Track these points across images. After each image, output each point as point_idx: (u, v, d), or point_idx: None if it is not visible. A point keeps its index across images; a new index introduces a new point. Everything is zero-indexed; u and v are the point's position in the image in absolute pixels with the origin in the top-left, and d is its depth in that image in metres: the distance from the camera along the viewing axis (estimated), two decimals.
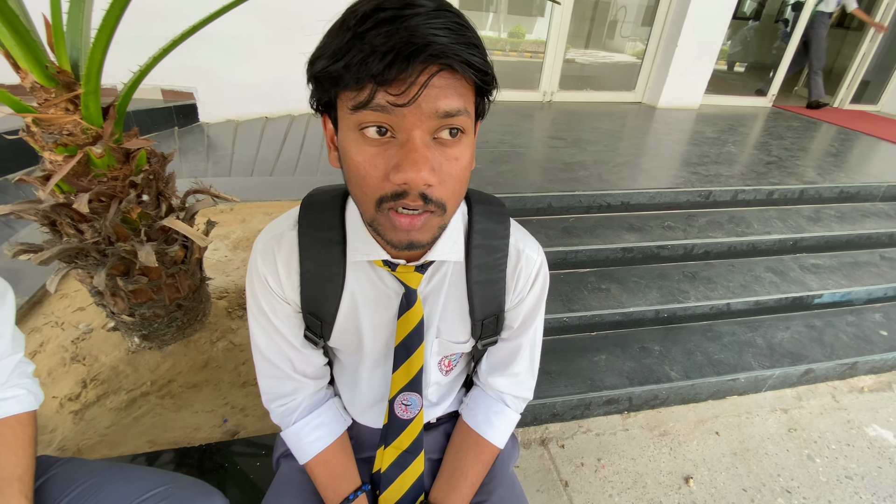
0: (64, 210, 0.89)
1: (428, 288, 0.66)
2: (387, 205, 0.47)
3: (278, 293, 0.64)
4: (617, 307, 1.90)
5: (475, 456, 0.74)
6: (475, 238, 0.64)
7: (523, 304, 0.69)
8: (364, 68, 0.40)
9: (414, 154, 0.43)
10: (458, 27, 0.42)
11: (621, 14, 5.13)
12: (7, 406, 0.64)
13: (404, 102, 0.41)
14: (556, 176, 2.55)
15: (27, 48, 0.74)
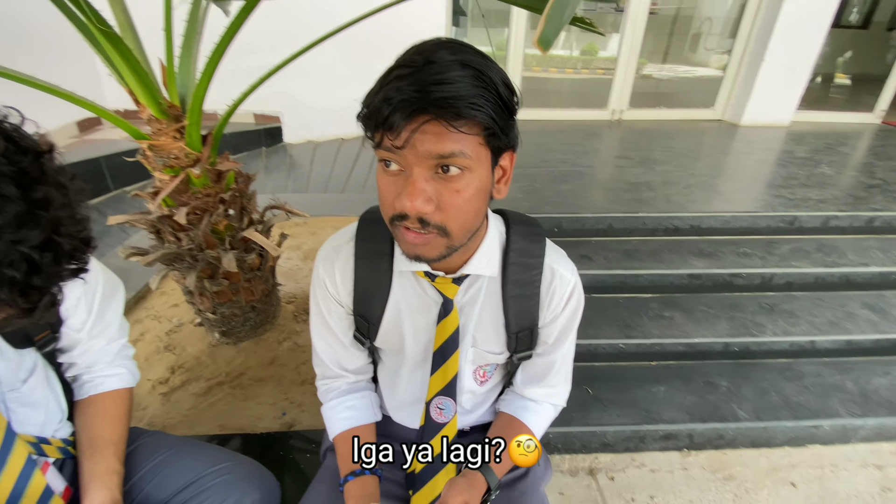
0: (167, 221, 1.07)
1: (464, 299, 0.71)
2: (396, 222, 0.55)
3: (334, 296, 0.73)
4: (680, 337, 1.79)
5: (511, 432, 0.77)
6: (511, 256, 0.69)
7: (557, 322, 0.72)
8: (378, 116, 0.48)
9: (411, 187, 0.51)
10: (471, 80, 0.48)
11: (703, 27, 4.89)
12: (110, 382, 0.77)
13: (399, 146, 0.49)
14: (619, 196, 2.48)
15: (146, 88, 0.91)
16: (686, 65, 5.11)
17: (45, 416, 0.71)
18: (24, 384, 0.66)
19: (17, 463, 0.63)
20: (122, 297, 0.79)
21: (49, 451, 0.69)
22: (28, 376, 0.67)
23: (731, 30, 4.11)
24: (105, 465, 0.69)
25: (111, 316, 0.76)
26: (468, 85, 0.48)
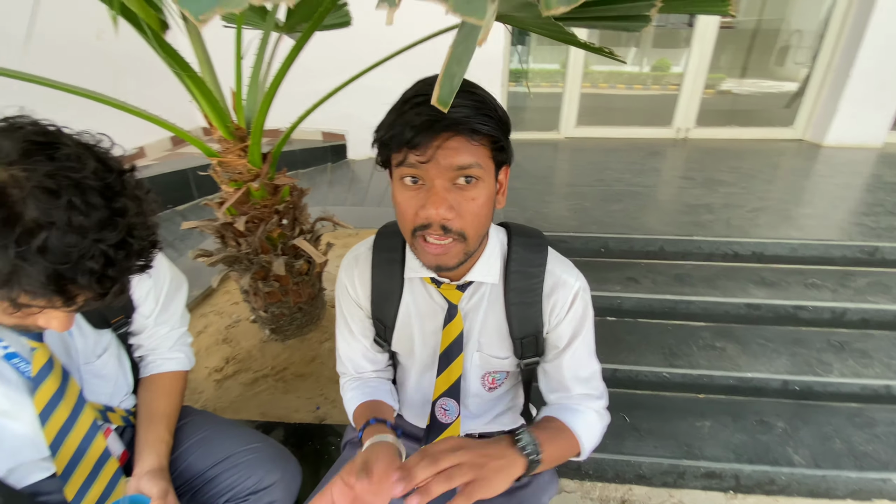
0: (229, 227, 1.22)
1: (468, 305, 0.76)
2: (418, 233, 0.61)
3: (354, 299, 0.81)
4: (732, 370, 1.68)
5: (557, 430, 0.72)
6: (512, 265, 0.73)
7: (562, 325, 0.74)
8: (401, 138, 0.55)
9: (434, 197, 0.57)
10: (475, 104, 0.56)
11: (790, 39, 4.56)
12: (169, 364, 0.90)
13: (425, 160, 0.56)
14: (674, 218, 2.38)
15: (218, 114, 1.07)
16: (760, 81, 4.79)
17: (114, 388, 0.84)
18: (98, 359, 0.80)
19: (83, 425, 0.75)
20: (185, 292, 0.92)
21: (113, 418, 0.82)
22: (102, 353, 0.81)
23: (812, 43, 3.81)
24: (157, 435, 0.81)
25: (175, 307, 0.89)
26: (475, 107, 0.56)
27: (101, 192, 0.52)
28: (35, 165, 0.49)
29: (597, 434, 0.77)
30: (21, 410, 0.70)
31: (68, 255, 0.48)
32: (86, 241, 0.50)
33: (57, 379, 0.71)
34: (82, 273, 0.50)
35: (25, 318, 0.56)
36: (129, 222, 0.55)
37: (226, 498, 0.80)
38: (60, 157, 0.51)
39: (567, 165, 3.54)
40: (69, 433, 0.73)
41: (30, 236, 0.47)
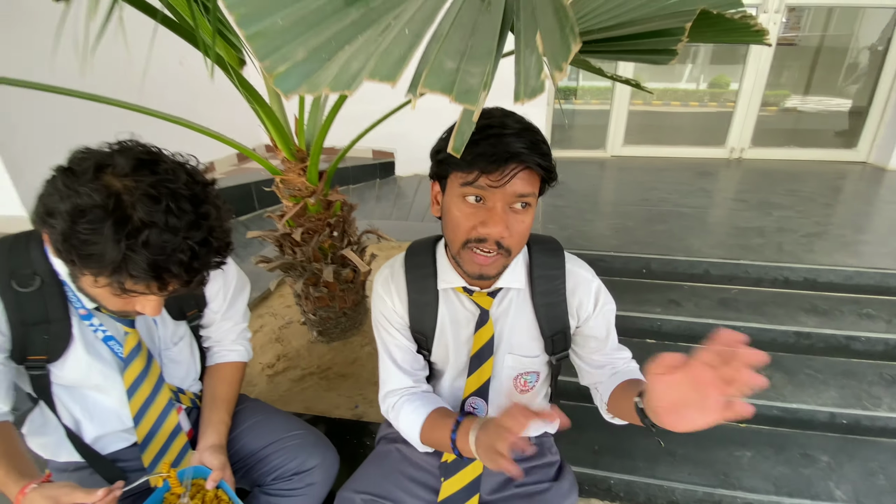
0: (287, 238, 1.36)
1: (498, 310, 0.83)
2: (470, 245, 0.70)
3: (391, 308, 0.87)
4: (777, 399, 1.62)
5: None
6: (536, 270, 0.81)
7: (597, 318, 0.83)
8: (478, 163, 0.64)
9: (496, 217, 0.67)
10: (534, 142, 0.66)
11: (844, 58, 4.32)
12: (231, 355, 1.03)
13: (496, 186, 0.65)
14: (722, 241, 2.32)
15: (283, 138, 1.22)
16: (822, 100, 4.53)
17: (185, 373, 0.98)
18: (175, 346, 0.94)
19: (161, 401, 0.89)
20: (247, 292, 1.05)
21: (183, 399, 0.96)
22: (179, 341, 0.94)
23: (875, 61, 3.59)
24: (218, 417, 0.93)
25: (239, 305, 1.02)
26: (533, 144, 0.66)
27: (190, 200, 0.64)
28: (142, 177, 0.62)
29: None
30: (112, 386, 0.84)
31: (164, 248, 0.61)
32: (177, 238, 0.62)
33: (143, 360, 0.85)
34: (174, 263, 0.62)
35: (126, 303, 0.69)
36: (210, 224, 0.67)
37: (273, 476, 0.91)
38: (160, 171, 0.64)
39: (611, 184, 3.52)
40: (150, 407, 0.86)
41: (137, 233, 0.59)
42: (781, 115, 4.55)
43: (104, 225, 0.58)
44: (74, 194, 0.58)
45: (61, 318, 0.75)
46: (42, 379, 0.79)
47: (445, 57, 0.33)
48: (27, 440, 0.86)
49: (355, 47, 0.33)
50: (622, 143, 4.14)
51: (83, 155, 0.63)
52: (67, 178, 0.60)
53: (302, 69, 0.33)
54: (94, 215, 0.58)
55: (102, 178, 0.60)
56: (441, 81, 0.32)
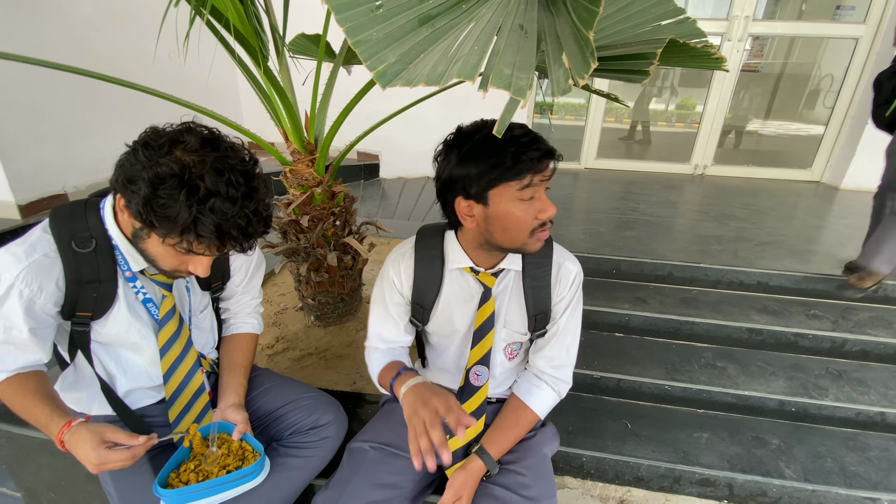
0: (294, 224, 1.45)
1: (498, 289, 0.96)
2: (536, 231, 0.84)
3: (398, 289, 1.01)
4: (731, 387, 1.81)
5: (515, 417, 0.97)
6: (527, 257, 0.95)
7: (563, 301, 0.97)
8: (530, 168, 0.79)
9: (547, 202, 0.83)
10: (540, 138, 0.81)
11: (811, 84, 4.72)
12: (246, 326, 1.12)
13: (547, 178, 0.82)
14: (684, 247, 2.53)
15: (296, 132, 1.32)
16: (800, 122, 4.92)
17: (205, 340, 1.06)
18: (201, 314, 1.02)
19: (189, 362, 0.97)
20: (263, 269, 1.14)
21: (204, 363, 1.04)
22: (203, 309, 1.03)
23: (832, 87, 3.96)
24: (237, 380, 1.02)
25: (256, 280, 1.11)
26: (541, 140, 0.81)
27: (244, 175, 0.74)
28: (207, 153, 0.72)
29: (552, 405, 1.02)
30: (147, 345, 0.92)
31: (226, 214, 0.71)
32: (236, 206, 0.72)
33: (175, 323, 0.93)
34: (234, 228, 0.72)
35: (182, 262, 0.79)
36: (260, 197, 0.77)
37: (290, 431, 1.00)
38: (221, 148, 0.74)
39: (585, 194, 3.73)
40: (179, 366, 0.95)
41: (206, 200, 0.69)
42: (742, 137, 4.92)
43: (180, 191, 0.67)
44: (155, 164, 0.68)
45: (110, 279, 0.83)
46: (83, 335, 0.86)
47: (503, 66, 0.46)
48: (60, 397, 0.93)
49: (434, 56, 0.45)
50: (595, 156, 4.38)
51: (156, 133, 0.72)
52: (147, 151, 0.69)
53: (394, 69, 0.45)
54: (172, 183, 0.68)
55: (175, 152, 0.70)
56: (503, 82, 0.45)
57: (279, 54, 1.26)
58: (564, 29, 0.48)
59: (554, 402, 1.02)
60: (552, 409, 1.04)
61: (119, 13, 2.98)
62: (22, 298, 0.76)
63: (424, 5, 0.49)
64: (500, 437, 0.95)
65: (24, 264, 0.76)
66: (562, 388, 1.02)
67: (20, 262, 0.76)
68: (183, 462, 0.88)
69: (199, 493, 0.82)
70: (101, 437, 0.73)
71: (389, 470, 0.94)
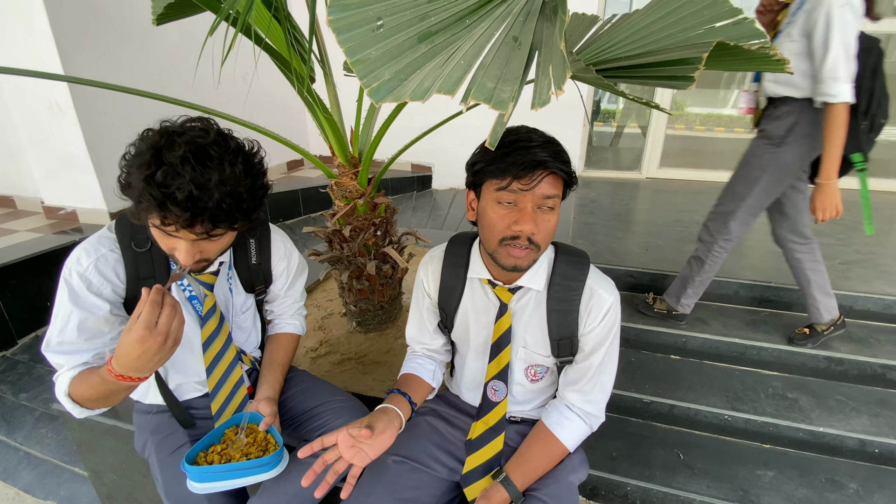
0: (337, 234, 1.52)
1: (517, 306, 0.94)
2: (505, 242, 0.81)
3: (426, 290, 1.03)
4: (803, 422, 1.62)
5: (543, 448, 0.93)
6: (555, 278, 0.90)
7: (594, 332, 0.90)
8: (510, 170, 0.77)
9: (527, 216, 0.78)
10: (556, 152, 0.78)
11: None
12: (289, 327, 1.18)
13: (527, 190, 0.77)
14: (754, 264, 2.33)
15: (341, 147, 1.39)
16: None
17: (246, 338, 1.13)
18: (243, 314, 1.10)
19: (229, 357, 1.04)
20: (305, 276, 1.21)
21: (245, 359, 1.12)
22: (246, 311, 1.10)
23: None
24: (274, 376, 1.08)
25: (298, 285, 1.18)
26: (555, 154, 0.78)
27: (211, 157, 0.76)
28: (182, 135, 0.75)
29: (582, 438, 0.95)
30: (192, 340, 1.01)
31: (169, 185, 0.72)
32: (183, 180, 0.72)
33: (216, 320, 1.01)
34: (172, 200, 0.72)
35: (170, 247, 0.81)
36: (221, 179, 0.76)
37: (319, 433, 1.04)
38: (199, 132, 0.78)
39: (645, 205, 3.55)
40: (220, 361, 1.02)
41: (156, 168, 0.72)
42: None
43: (139, 160, 0.74)
44: (138, 144, 0.78)
45: (163, 277, 0.92)
46: None
47: (487, 79, 0.46)
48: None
49: (425, 72, 0.46)
50: (658, 165, 4.16)
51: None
52: (143, 134, 0.79)
53: (387, 85, 0.47)
54: (138, 155, 0.75)
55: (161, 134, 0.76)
56: (483, 95, 0.45)
57: (325, 74, 1.34)
58: (552, 39, 0.47)
59: (585, 436, 0.96)
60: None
61: (200, 39, 3.32)
62: (92, 288, 0.86)
63: (426, 22, 0.50)
64: (527, 468, 0.91)
65: (93, 258, 0.86)
66: (594, 423, 0.96)
67: (90, 256, 0.86)
68: (213, 445, 0.95)
69: (218, 475, 0.88)
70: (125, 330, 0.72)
71: (410, 484, 0.94)
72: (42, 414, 1.97)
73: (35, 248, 2.49)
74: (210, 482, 0.87)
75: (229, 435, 0.97)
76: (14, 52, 2.68)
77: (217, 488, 0.88)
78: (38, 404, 2.01)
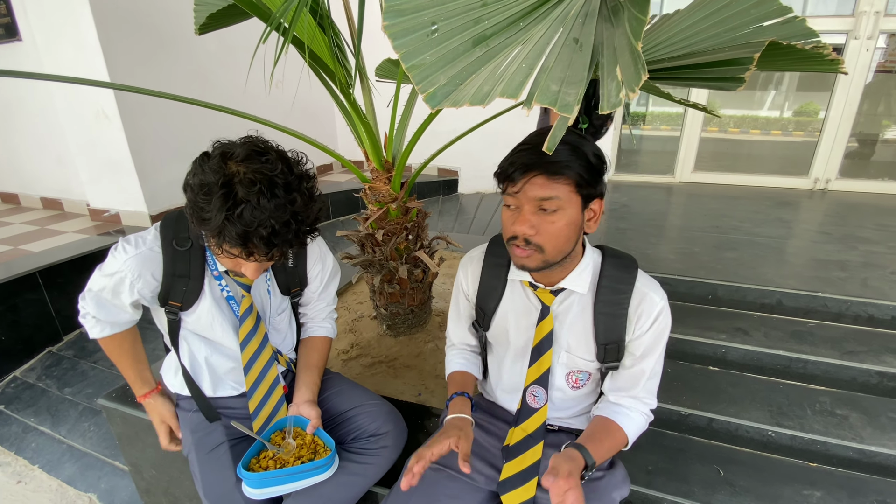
0: (370, 238, 1.54)
1: (559, 308, 0.92)
2: (510, 242, 0.82)
3: (465, 290, 1.04)
4: (853, 440, 1.53)
5: (606, 431, 0.89)
6: (603, 280, 0.88)
7: (644, 338, 0.87)
8: (504, 174, 0.78)
9: (521, 218, 0.79)
10: (569, 152, 0.76)
11: None
12: (321, 330, 1.20)
13: (515, 192, 0.78)
14: (798, 272, 2.22)
15: (376, 152, 1.40)
16: None
17: (282, 339, 1.16)
18: (279, 316, 1.12)
19: (265, 355, 1.07)
20: (338, 279, 1.22)
21: (280, 360, 1.14)
22: (282, 312, 1.13)
23: None
24: (311, 379, 1.10)
25: (331, 288, 1.19)
26: (565, 154, 0.75)
27: (283, 187, 0.79)
28: (249, 163, 0.78)
29: (641, 430, 0.93)
30: (230, 340, 1.04)
31: (251, 223, 0.76)
32: (264, 216, 0.76)
33: (253, 320, 1.04)
34: (257, 237, 0.77)
35: (235, 264, 0.89)
36: (294, 210, 0.80)
37: (353, 436, 1.05)
38: (264, 160, 0.79)
39: (679, 210, 3.45)
40: (256, 360, 1.05)
41: (235, 207, 0.75)
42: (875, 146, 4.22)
43: (213, 198, 0.75)
44: (202, 173, 0.78)
45: (199, 276, 0.97)
46: (174, 323, 1.01)
47: (550, 82, 0.45)
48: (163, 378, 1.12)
49: (482, 76, 0.46)
50: (692, 169, 4.04)
51: (219, 144, 0.83)
52: (203, 160, 0.80)
53: (443, 90, 0.46)
54: (209, 190, 0.76)
55: (225, 162, 0.78)
56: (548, 98, 0.44)
57: (362, 80, 1.36)
58: (621, 40, 0.45)
59: (643, 427, 0.93)
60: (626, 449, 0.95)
61: (235, 48, 3.43)
62: (122, 280, 0.94)
63: (480, 26, 0.49)
64: (595, 446, 0.85)
65: (133, 254, 0.93)
66: (650, 415, 0.94)
67: (129, 252, 0.93)
68: (262, 451, 0.97)
69: (277, 480, 0.90)
70: (161, 417, 1.01)
71: (447, 493, 0.93)
72: (85, 408, 2.05)
73: (80, 248, 2.61)
74: (268, 487, 0.89)
75: (276, 440, 0.98)
76: (64, 62, 2.83)
77: (275, 493, 0.90)
78: (81, 399, 2.10)
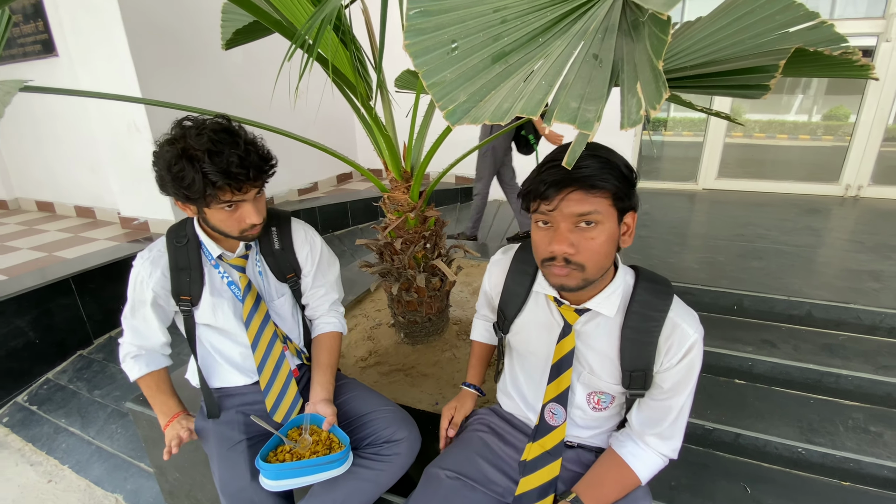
0: (388, 246, 1.55)
1: (583, 328, 0.88)
2: (546, 263, 0.79)
3: (488, 292, 1.04)
4: (888, 459, 1.47)
5: (616, 476, 0.88)
6: (634, 305, 0.83)
7: (673, 370, 0.82)
8: (536, 192, 0.76)
9: (559, 237, 0.75)
10: (600, 164, 0.73)
11: None
12: (328, 326, 1.22)
13: (550, 210, 0.75)
14: (829, 283, 2.14)
15: (395, 162, 1.42)
16: None
17: (289, 328, 1.19)
18: (278, 300, 1.17)
19: (270, 331, 1.12)
20: (337, 266, 1.26)
21: (290, 346, 1.18)
22: (280, 297, 1.17)
23: None
24: (325, 378, 1.12)
25: (329, 275, 1.22)
26: (598, 167, 0.73)
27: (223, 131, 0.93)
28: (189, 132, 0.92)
29: (656, 471, 0.90)
30: (235, 327, 1.10)
31: (221, 160, 0.90)
32: (226, 151, 0.90)
33: (253, 297, 1.10)
34: (233, 165, 0.90)
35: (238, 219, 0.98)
36: (244, 140, 0.95)
37: (367, 441, 1.06)
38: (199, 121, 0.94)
39: (702, 217, 3.37)
40: (261, 335, 1.10)
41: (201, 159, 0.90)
42: None
43: (182, 164, 0.90)
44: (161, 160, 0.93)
45: (197, 266, 1.07)
46: (190, 321, 1.09)
47: (570, 99, 0.45)
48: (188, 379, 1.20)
49: (502, 93, 0.46)
50: (716, 175, 3.96)
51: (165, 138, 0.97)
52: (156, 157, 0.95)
53: (463, 107, 0.47)
54: (174, 161, 0.91)
55: (171, 144, 0.92)
56: (568, 115, 0.44)
57: (382, 93, 1.38)
58: (641, 56, 0.45)
59: (659, 468, 0.89)
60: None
61: (260, 60, 3.53)
62: (141, 281, 1.06)
63: (499, 43, 0.50)
64: (599, 494, 0.86)
65: (147, 257, 1.07)
66: (669, 459, 0.90)
67: (144, 256, 1.07)
68: (279, 446, 1.00)
69: (293, 472, 0.93)
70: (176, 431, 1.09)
71: (464, 502, 0.92)
72: (113, 410, 2.12)
73: (111, 255, 2.71)
74: (284, 479, 0.93)
75: (293, 436, 1.01)
76: (99, 76, 2.96)
77: (291, 485, 0.94)
78: (110, 401, 2.16)
